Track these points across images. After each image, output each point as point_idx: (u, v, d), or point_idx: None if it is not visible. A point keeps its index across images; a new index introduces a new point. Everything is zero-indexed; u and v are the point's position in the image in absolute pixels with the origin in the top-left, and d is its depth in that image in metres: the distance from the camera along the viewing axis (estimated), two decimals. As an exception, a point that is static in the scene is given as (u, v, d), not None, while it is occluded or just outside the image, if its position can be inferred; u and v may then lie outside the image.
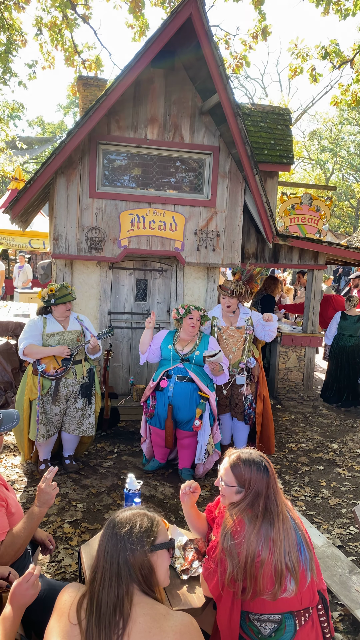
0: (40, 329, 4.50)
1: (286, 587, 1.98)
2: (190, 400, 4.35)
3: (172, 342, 4.53)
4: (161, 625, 1.48)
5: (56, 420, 4.51)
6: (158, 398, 4.46)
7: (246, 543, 1.96)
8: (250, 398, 4.82)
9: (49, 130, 33.78)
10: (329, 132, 30.67)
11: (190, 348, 4.48)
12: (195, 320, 4.45)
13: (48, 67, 10.93)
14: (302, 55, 9.85)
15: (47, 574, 3.21)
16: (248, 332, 4.79)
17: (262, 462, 2.12)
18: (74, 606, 1.55)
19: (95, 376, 4.70)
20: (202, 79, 5.40)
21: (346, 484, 4.76)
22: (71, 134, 5.06)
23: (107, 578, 1.53)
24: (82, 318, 4.71)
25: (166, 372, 4.42)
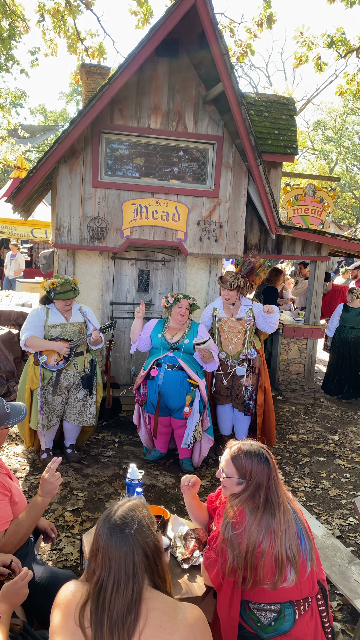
0: (42, 320, 4.48)
1: (286, 576, 2.00)
2: (180, 387, 4.39)
3: (162, 331, 4.54)
4: (172, 619, 1.48)
5: (58, 410, 4.53)
6: (149, 386, 4.51)
7: (247, 534, 1.97)
8: (250, 389, 4.83)
9: (52, 119, 33.55)
10: (333, 122, 30.42)
11: (179, 337, 4.49)
12: (184, 308, 4.46)
13: (51, 55, 10.85)
14: (307, 44, 9.74)
15: (49, 561, 3.24)
16: (249, 324, 4.78)
17: (263, 453, 2.13)
18: (76, 611, 1.51)
19: (97, 367, 4.71)
20: (206, 67, 5.36)
21: (346, 476, 4.78)
22: (74, 122, 5.03)
23: (122, 583, 1.47)
24: (85, 309, 4.70)
25: (156, 360, 4.45)
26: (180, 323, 4.52)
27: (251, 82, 30.84)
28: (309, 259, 6.86)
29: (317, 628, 2.11)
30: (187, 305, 4.47)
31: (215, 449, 5.02)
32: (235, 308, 4.81)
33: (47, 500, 2.33)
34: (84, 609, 1.50)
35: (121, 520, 1.54)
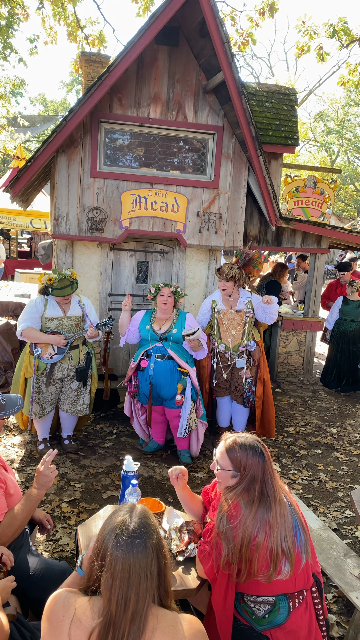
0: (40, 311, 4.45)
1: (281, 569, 1.99)
2: (171, 377, 4.39)
3: (150, 322, 4.53)
4: (172, 638, 1.43)
5: (52, 399, 4.53)
6: (140, 377, 4.52)
7: (242, 527, 1.96)
8: (250, 381, 4.82)
9: (52, 108, 33.33)
10: (335, 114, 30.21)
11: (167, 327, 4.48)
12: (167, 296, 4.44)
13: (50, 43, 10.73)
14: (309, 33, 9.63)
15: (45, 552, 3.24)
16: (248, 316, 4.77)
17: (258, 446, 2.11)
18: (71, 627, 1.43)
19: (93, 359, 4.71)
20: (206, 56, 5.29)
21: (343, 468, 4.79)
22: (73, 111, 4.97)
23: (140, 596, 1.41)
24: (85, 302, 4.66)
25: (145, 352, 4.45)
26: (165, 312, 4.50)
27: (253, 72, 30.64)
28: (309, 251, 6.82)
29: (311, 620, 2.11)
30: (168, 292, 4.45)
31: (213, 441, 5.02)
32: (233, 300, 4.79)
33: (42, 493, 2.33)
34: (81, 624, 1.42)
35: (140, 533, 1.47)
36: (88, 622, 1.42)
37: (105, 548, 1.45)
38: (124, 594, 1.38)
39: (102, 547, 1.47)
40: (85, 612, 1.45)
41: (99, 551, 1.49)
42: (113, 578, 1.41)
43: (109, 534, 1.48)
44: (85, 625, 1.42)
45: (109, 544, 1.45)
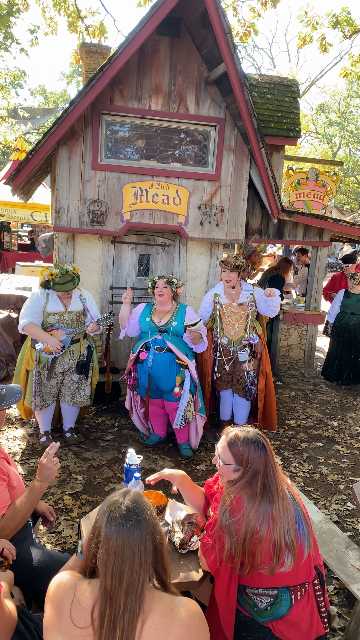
0: (42, 306, 4.45)
1: (284, 561, 2.00)
2: (170, 369, 4.40)
3: (150, 315, 4.54)
4: (168, 620, 1.47)
5: (53, 391, 4.55)
6: (139, 369, 4.53)
7: (245, 521, 1.97)
8: (252, 374, 4.82)
9: (52, 100, 33.13)
10: (337, 106, 30.02)
11: (167, 319, 4.48)
12: (161, 288, 4.43)
13: (51, 33, 10.65)
14: (312, 24, 9.56)
15: (48, 544, 3.26)
16: (250, 309, 4.76)
17: (259, 440, 2.11)
18: (71, 608, 1.49)
19: (94, 352, 4.72)
20: (208, 47, 5.25)
21: (345, 461, 4.80)
22: (73, 103, 4.94)
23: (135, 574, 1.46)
24: (86, 296, 4.65)
25: (144, 344, 4.46)
26: (163, 304, 4.50)
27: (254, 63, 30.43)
28: (311, 244, 6.80)
29: (313, 613, 2.12)
30: (162, 284, 4.44)
31: (215, 434, 5.03)
32: (236, 293, 4.78)
33: (45, 486, 2.33)
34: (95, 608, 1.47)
35: (133, 510, 1.53)
36: (87, 602, 1.48)
37: (100, 525, 1.52)
38: (118, 567, 1.44)
39: (97, 525, 1.54)
40: (85, 593, 1.50)
41: (95, 530, 1.55)
42: (108, 553, 1.47)
43: (103, 512, 1.55)
44: (84, 606, 1.48)
45: (103, 521, 1.52)
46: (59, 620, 1.48)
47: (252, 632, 2.11)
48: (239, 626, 2.11)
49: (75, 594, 1.51)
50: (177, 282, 4.53)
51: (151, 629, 1.44)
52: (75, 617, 1.46)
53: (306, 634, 2.09)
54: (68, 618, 1.47)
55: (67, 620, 1.47)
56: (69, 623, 1.46)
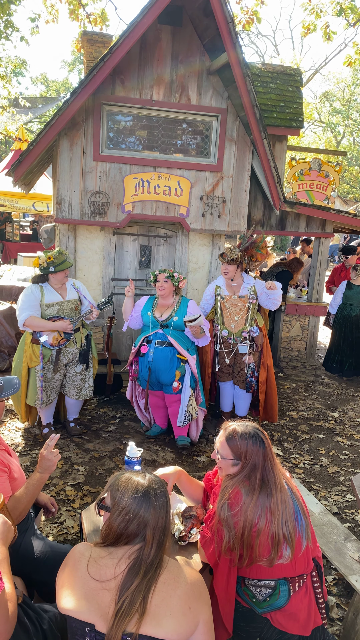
0: (38, 299, 4.40)
1: (282, 554, 2.02)
2: (170, 363, 4.40)
3: (152, 309, 4.53)
4: (175, 577, 1.64)
5: (57, 386, 4.57)
6: (140, 362, 4.53)
7: (243, 514, 1.99)
8: (252, 366, 4.82)
9: (53, 89, 32.88)
10: (341, 94, 29.72)
11: (168, 314, 4.47)
12: (162, 282, 4.39)
13: (52, 21, 10.56)
14: (316, 12, 9.44)
15: (50, 534, 3.30)
16: (251, 301, 4.74)
17: (257, 434, 2.13)
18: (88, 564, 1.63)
19: (92, 341, 4.75)
20: (210, 36, 5.20)
21: (345, 453, 4.82)
22: (75, 93, 4.91)
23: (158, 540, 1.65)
24: (79, 285, 4.66)
25: (146, 337, 4.46)
26: (164, 298, 4.49)
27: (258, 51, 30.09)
28: (313, 235, 6.78)
29: (310, 604, 2.15)
30: (163, 278, 4.39)
31: (216, 425, 5.05)
32: (237, 285, 4.77)
33: (46, 477, 2.35)
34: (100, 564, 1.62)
35: (155, 486, 1.73)
36: (105, 561, 1.63)
37: (138, 511, 1.66)
38: (161, 542, 1.66)
39: (133, 510, 1.67)
40: (101, 553, 1.66)
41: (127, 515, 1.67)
42: (154, 530, 1.66)
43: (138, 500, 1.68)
44: (101, 564, 1.62)
45: (140, 507, 1.67)
46: (74, 576, 1.61)
47: (251, 622, 2.14)
48: (238, 617, 2.14)
49: (92, 554, 1.66)
50: (179, 276, 4.49)
51: (160, 583, 1.60)
52: (92, 571, 1.60)
53: (304, 625, 2.12)
54: (85, 572, 1.61)
55: (83, 575, 1.60)
56: (86, 576, 1.60)
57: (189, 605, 1.59)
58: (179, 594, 1.60)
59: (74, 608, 1.56)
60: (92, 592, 1.57)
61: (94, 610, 1.55)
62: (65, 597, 1.59)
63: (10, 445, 4.45)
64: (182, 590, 1.61)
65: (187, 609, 1.58)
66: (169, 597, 1.58)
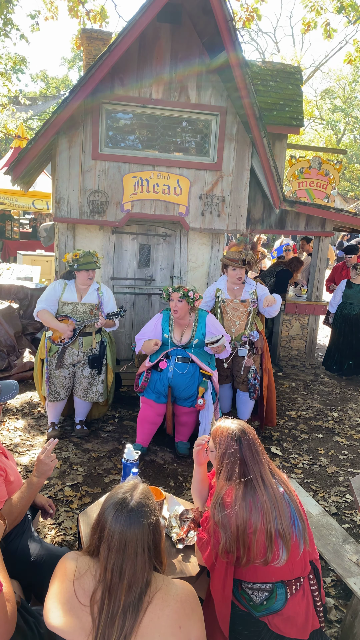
0: (57, 295, 4.53)
1: (278, 555, 2.01)
2: (191, 379, 4.21)
3: (169, 329, 4.25)
4: (164, 595, 1.56)
5: (66, 384, 4.56)
6: (154, 375, 4.26)
7: (235, 513, 1.99)
8: (254, 369, 4.72)
9: (53, 86, 32.79)
10: (342, 91, 29.64)
11: (188, 337, 4.21)
12: (176, 302, 4.07)
13: (51, 18, 10.52)
14: (316, 9, 9.40)
15: (48, 535, 3.29)
16: (252, 306, 4.65)
17: (239, 428, 2.16)
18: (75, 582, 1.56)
19: (107, 349, 4.66)
20: (210, 34, 5.17)
21: (344, 453, 4.81)
22: (73, 92, 4.89)
23: (139, 571, 1.52)
24: (104, 291, 4.62)
25: (165, 353, 4.21)
26: (178, 318, 4.18)
27: (258, 47, 30.02)
28: (313, 234, 6.76)
29: (308, 607, 2.14)
30: (177, 298, 4.06)
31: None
32: (239, 289, 4.68)
33: (42, 481, 2.35)
34: (83, 583, 1.55)
35: (139, 507, 1.58)
36: (86, 581, 1.56)
37: (105, 521, 1.57)
38: (119, 565, 1.51)
39: (102, 520, 1.59)
40: (83, 566, 1.60)
41: (98, 521, 1.60)
42: (109, 549, 1.53)
43: (109, 508, 1.59)
44: (86, 585, 1.56)
45: (108, 517, 1.57)
46: (59, 592, 1.57)
47: (248, 626, 2.14)
48: (235, 620, 2.14)
49: (77, 565, 1.60)
50: (194, 294, 4.11)
51: (147, 603, 1.52)
52: (77, 588, 1.55)
53: (302, 628, 2.11)
54: (71, 589, 1.55)
55: (69, 591, 1.55)
56: (71, 593, 1.54)
57: (179, 625, 1.52)
58: (168, 614, 1.52)
59: (59, 626, 1.52)
60: (76, 612, 1.52)
61: (79, 630, 1.51)
62: (51, 614, 1.55)
63: (9, 445, 4.45)
64: (171, 610, 1.54)
65: (177, 629, 1.52)
66: (157, 617, 1.51)
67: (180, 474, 4.18)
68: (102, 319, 4.43)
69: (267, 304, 4.49)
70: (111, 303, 4.63)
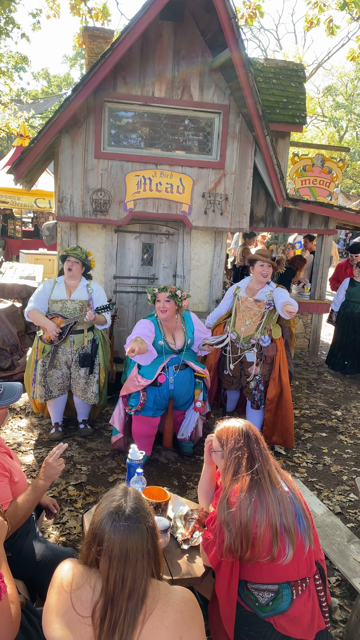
0: (47, 293, 4.54)
1: (285, 551, 2.01)
2: (189, 385, 4.21)
3: (161, 335, 4.13)
4: (163, 605, 1.51)
5: (60, 383, 4.55)
6: (149, 392, 4.10)
7: (239, 510, 1.98)
8: (258, 379, 4.53)
9: (55, 84, 32.76)
10: (344, 88, 29.53)
11: (181, 340, 4.16)
12: (163, 302, 3.99)
13: (53, 16, 10.49)
14: (319, 6, 9.35)
15: (52, 535, 3.29)
16: (268, 308, 4.45)
17: (244, 428, 2.16)
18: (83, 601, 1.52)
19: (100, 347, 4.61)
20: (212, 32, 5.15)
21: (348, 451, 4.80)
22: (76, 90, 4.89)
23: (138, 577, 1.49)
24: (94, 287, 4.61)
25: (162, 366, 4.07)
26: (165, 320, 4.09)
27: (260, 45, 29.93)
28: (316, 232, 6.74)
29: (314, 608, 2.14)
30: (165, 298, 3.98)
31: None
32: (258, 289, 4.56)
33: (48, 484, 2.36)
34: (81, 595, 1.51)
35: (134, 515, 1.54)
36: (88, 594, 1.51)
37: (102, 533, 1.53)
38: (121, 574, 1.47)
39: (99, 532, 1.54)
40: (81, 577, 1.55)
41: (94, 535, 1.55)
42: (110, 560, 1.49)
43: (105, 519, 1.54)
44: (84, 596, 1.51)
45: (105, 529, 1.52)
46: (57, 602, 1.52)
47: (254, 626, 2.13)
48: (240, 621, 2.13)
49: (74, 574, 1.56)
50: (182, 293, 4.06)
51: (146, 615, 1.48)
52: (74, 599, 1.51)
53: (307, 629, 2.11)
54: (68, 600, 1.51)
55: (66, 602, 1.51)
56: (68, 604, 1.50)
57: (179, 636, 1.49)
58: (167, 625, 1.49)
59: (58, 638, 1.49)
60: (74, 624, 1.49)
61: None
62: (50, 625, 1.51)
63: (12, 444, 4.45)
64: (170, 620, 1.49)
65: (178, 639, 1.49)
66: (156, 629, 1.47)
67: (184, 473, 4.17)
68: (91, 313, 4.31)
69: (288, 313, 4.10)
70: (101, 299, 4.57)
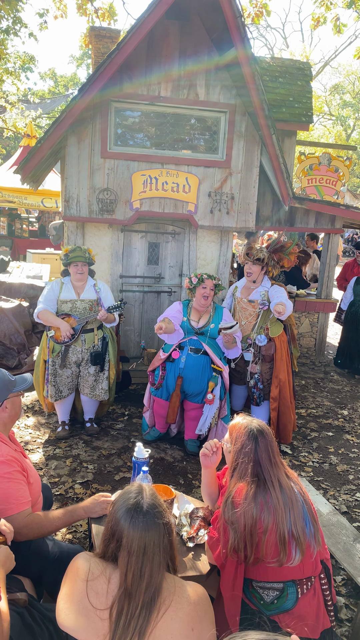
0: (56, 294, 4.56)
1: (292, 556, 2.01)
2: (202, 372, 4.22)
3: (187, 314, 4.35)
4: (177, 598, 1.57)
5: (69, 382, 4.57)
6: (168, 369, 4.32)
7: (244, 511, 1.99)
8: (257, 377, 4.57)
9: (62, 84, 32.84)
10: (351, 86, 29.38)
11: (205, 321, 4.28)
12: (209, 289, 4.21)
13: (60, 17, 10.53)
14: (325, 4, 9.31)
15: (59, 532, 3.31)
16: (262, 308, 4.49)
17: (257, 427, 2.15)
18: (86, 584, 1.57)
19: (109, 345, 4.67)
20: (218, 31, 5.15)
21: (354, 451, 4.79)
22: (82, 90, 4.90)
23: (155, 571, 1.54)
24: (101, 286, 4.66)
25: (179, 343, 4.26)
26: (203, 306, 4.28)
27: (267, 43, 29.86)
28: (323, 231, 6.72)
29: (319, 606, 2.14)
30: (211, 285, 4.22)
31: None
32: (253, 289, 4.60)
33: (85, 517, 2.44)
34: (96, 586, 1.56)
35: (153, 508, 1.60)
36: (103, 587, 1.57)
37: (121, 529, 1.57)
38: (139, 568, 1.52)
39: (118, 529, 1.58)
40: (97, 568, 1.61)
41: (113, 532, 1.60)
42: (129, 555, 1.54)
43: (124, 516, 1.59)
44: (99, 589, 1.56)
45: (124, 524, 1.57)
46: (72, 593, 1.58)
47: (258, 625, 2.14)
48: (245, 619, 2.14)
49: (90, 567, 1.61)
50: (221, 284, 4.32)
51: (160, 607, 1.53)
52: (89, 591, 1.56)
53: (312, 628, 2.11)
54: (83, 591, 1.56)
55: (81, 592, 1.56)
56: (83, 595, 1.56)
57: (191, 627, 1.54)
58: (181, 616, 1.54)
59: (71, 626, 1.54)
60: (87, 613, 1.54)
61: (92, 631, 1.52)
62: (63, 614, 1.57)
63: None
64: (184, 612, 1.55)
65: (190, 631, 1.53)
66: (170, 619, 1.52)
67: (190, 472, 4.18)
68: (103, 312, 4.41)
69: (278, 312, 4.22)
70: (109, 298, 4.66)
